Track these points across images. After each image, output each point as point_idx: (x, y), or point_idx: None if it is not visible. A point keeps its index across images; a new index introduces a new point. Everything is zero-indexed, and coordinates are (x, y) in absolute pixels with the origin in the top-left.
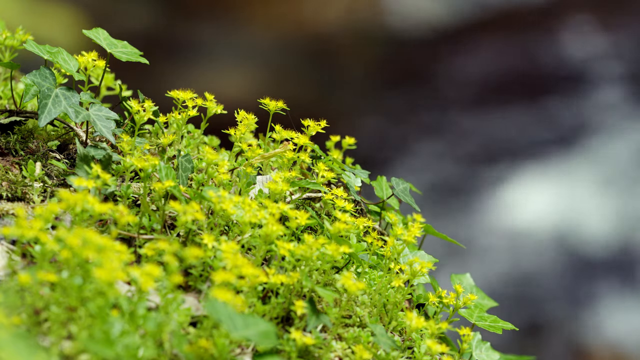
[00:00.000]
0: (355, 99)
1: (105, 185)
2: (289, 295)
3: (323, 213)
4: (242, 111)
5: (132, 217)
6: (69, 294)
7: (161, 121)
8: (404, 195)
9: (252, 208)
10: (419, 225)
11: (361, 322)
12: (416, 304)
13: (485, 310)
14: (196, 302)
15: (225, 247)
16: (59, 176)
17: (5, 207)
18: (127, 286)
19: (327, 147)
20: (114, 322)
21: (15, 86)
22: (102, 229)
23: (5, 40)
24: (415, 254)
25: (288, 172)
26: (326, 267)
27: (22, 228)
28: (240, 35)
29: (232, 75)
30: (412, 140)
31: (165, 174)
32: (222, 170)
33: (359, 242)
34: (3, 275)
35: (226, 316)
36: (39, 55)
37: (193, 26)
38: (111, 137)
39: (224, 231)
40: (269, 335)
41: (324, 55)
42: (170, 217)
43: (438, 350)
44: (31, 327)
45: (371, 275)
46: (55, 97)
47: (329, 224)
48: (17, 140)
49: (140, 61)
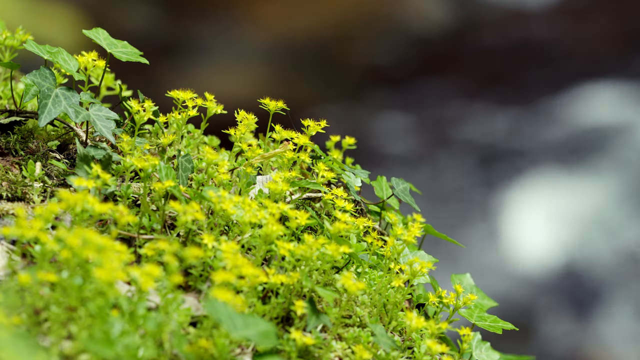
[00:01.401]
0: (356, 99)
1: (105, 185)
2: (289, 295)
3: (323, 213)
4: (242, 111)
5: (132, 217)
6: (69, 294)
7: (161, 121)
8: (404, 195)
9: (252, 208)
10: (419, 225)
11: (361, 322)
12: (416, 304)
13: (485, 310)
14: (196, 302)
15: (225, 247)
16: (59, 176)
17: (5, 207)
18: (127, 286)
19: (327, 147)
20: (114, 322)
21: (15, 86)
22: (102, 229)
23: (5, 40)
24: (415, 254)
25: (288, 172)
26: (326, 267)
27: (22, 228)
28: (241, 35)
29: (232, 75)
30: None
31: (165, 174)
32: (222, 170)
33: (359, 242)
34: (3, 275)
35: (226, 316)
36: (39, 55)
37: (193, 26)
38: (111, 137)
39: (224, 231)
40: (269, 335)
41: (325, 55)
42: (170, 217)
43: (438, 350)
44: (31, 327)
45: (371, 275)
46: (55, 97)
47: (329, 224)
48: (17, 140)
49: (140, 61)
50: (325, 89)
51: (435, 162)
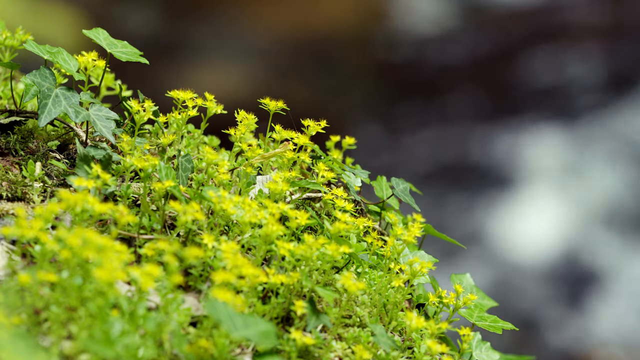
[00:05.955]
0: (356, 99)
1: (105, 185)
2: (289, 295)
3: (323, 213)
4: (242, 111)
5: (132, 217)
6: (69, 294)
7: (161, 121)
8: (404, 195)
9: (252, 208)
10: (419, 225)
11: (361, 322)
12: (416, 304)
13: (485, 310)
14: (196, 302)
15: (225, 247)
16: (59, 176)
17: (5, 207)
18: (127, 286)
19: (327, 147)
20: (114, 322)
21: (15, 86)
22: (102, 229)
23: (5, 40)
24: (415, 254)
25: (288, 172)
26: (326, 267)
27: (22, 228)
28: (241, 34)
29: (232, 75)
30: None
31: (165, 174)
32: (222, 170)
33: (359, 242)
34: (3, 275)
35: (226, 316)
36: (39, 55)
37: (193, 26)
38: (111, 137)
39: (224, 231)
40: (269, 335)
41: (325, 55)
42: (170, 217)
43: (438, 350)
44: (31, 327)
45: (371, 275)
46: (55, 97)
47: (329, 224)
48: (17, 140)
49: (140, 61)
50: (326, 89)
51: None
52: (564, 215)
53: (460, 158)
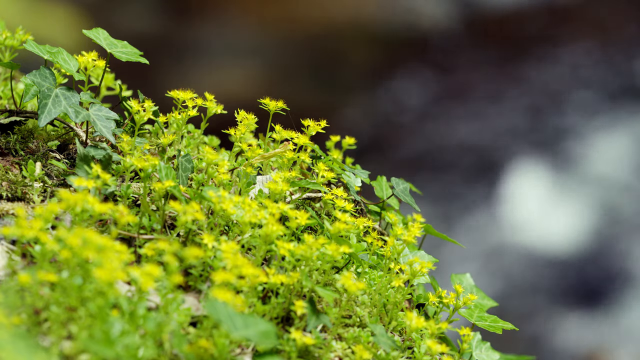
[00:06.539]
0: (356, 99)
1: (105, 185)
2: (289, 295)
3: (323, 213)
4: (242, 111)
5: (132, 217)
6: (69, 294)
7: (161, 121)
8: (404, 195)
9: (252, 208)
10: (419, 225)
11: (361, 322)
12: (416, 304)
13: (485, 310)
14: (196, 302)
15: (225, 247)
16: (59, 176)
17: (5, 207)
18: (127, 286)
19: (327, 147)
20: (114, 322)
21: (15, 86)
22: (102, 229)
23: (5, 40)
24: (415, 254)
25: (288, 172)
26: (326, 267)
27: (22, 228)
28: (241, 34)
29: (232, 75)
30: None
31: (165, 174)
32: (222, 170)
33: (359, 242)
34: (3, 275)
35: (226, 316)
36: (39, 55)
37: (193, 26)
38: (111, 137)
39: (224, 231)
40: (269, 335)
41: (325, 55)
42: (170, 217)
43: (438, 350)
44: (31, 327)
45: (371, 275)
46: (55, 97)
47: (329, 224)
48: (17, 140)
49: (140, 61)
50: (325, 88)
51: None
52: (573, 215)
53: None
